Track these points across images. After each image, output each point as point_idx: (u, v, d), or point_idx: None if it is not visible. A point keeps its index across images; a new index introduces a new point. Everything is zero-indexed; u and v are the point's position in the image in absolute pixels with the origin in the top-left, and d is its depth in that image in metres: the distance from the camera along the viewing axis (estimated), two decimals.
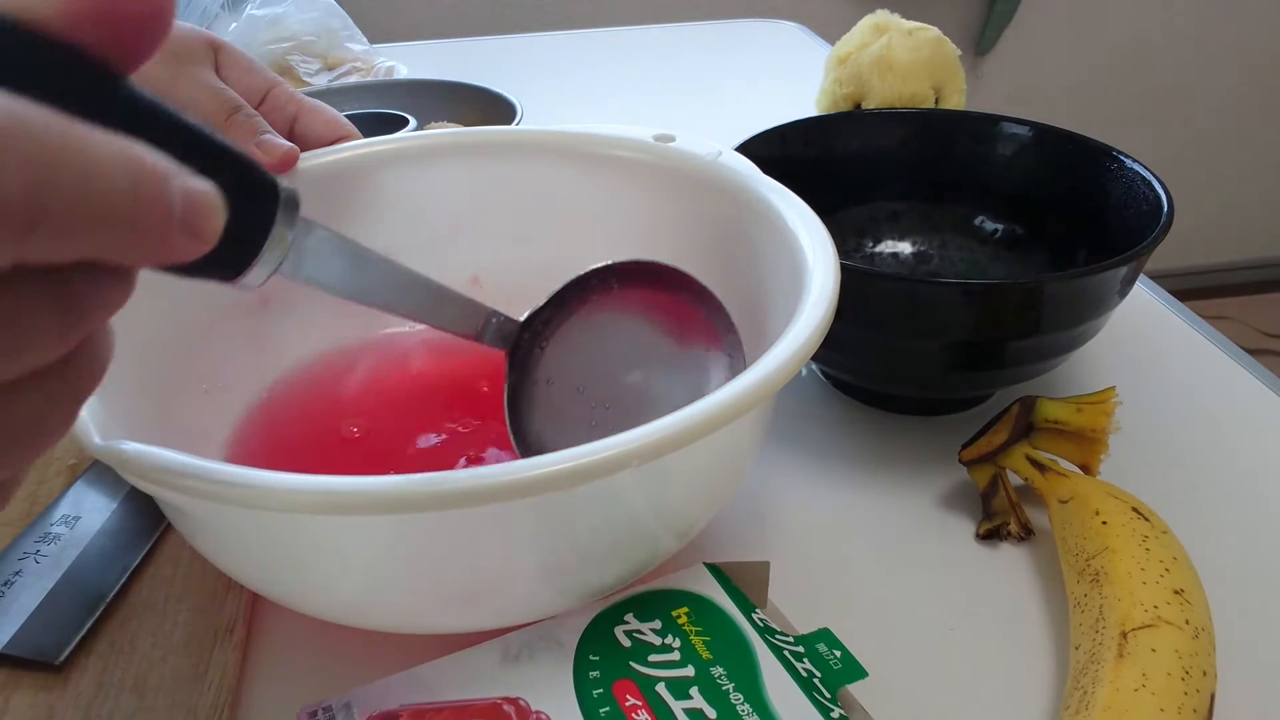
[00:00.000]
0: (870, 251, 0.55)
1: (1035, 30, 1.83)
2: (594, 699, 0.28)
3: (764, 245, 0.37)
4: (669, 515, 0.32)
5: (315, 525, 0.28)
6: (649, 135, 0.43)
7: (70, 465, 0.41)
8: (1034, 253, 0.52)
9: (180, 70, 0.41)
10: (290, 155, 0.40)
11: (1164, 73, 1.93)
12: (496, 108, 0.69)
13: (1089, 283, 0.39)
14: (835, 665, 0.31)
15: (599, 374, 0.36)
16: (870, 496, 0.42)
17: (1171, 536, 0.35)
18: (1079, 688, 0.31)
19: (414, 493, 0.25)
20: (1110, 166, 0.48)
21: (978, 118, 0.53)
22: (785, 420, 0.46)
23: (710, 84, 0.95)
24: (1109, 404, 0.39)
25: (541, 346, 0.35)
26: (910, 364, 0.43)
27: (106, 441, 0.26)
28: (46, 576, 0.35)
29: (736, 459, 0.34)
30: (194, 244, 0.18)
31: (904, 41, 0.63)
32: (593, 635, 0.30)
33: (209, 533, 0.30)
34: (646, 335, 0.36)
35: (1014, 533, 0.39)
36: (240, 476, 0.25)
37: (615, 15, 1.60)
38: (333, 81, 0.83)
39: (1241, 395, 0.49)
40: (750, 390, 0.28)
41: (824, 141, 0.54)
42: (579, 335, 0.35)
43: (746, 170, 0.40)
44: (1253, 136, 2.03)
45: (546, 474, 0.25)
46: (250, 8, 0.86)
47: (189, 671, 0.33)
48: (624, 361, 0.36)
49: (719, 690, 0.28)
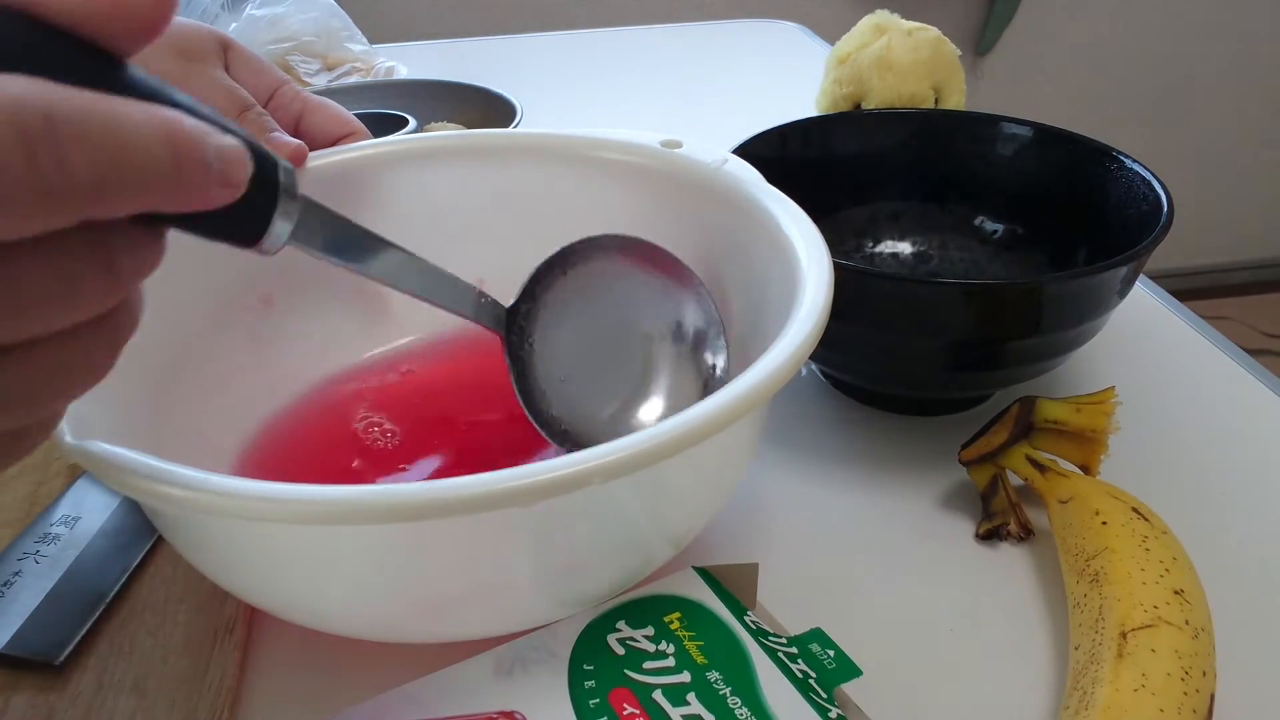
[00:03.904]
0: (870, 251, 0.55)
1: (1035, 30, 1.83)
2: (590, 709, 0.28)
3: (763, 256, 0.37)
4: (664, 522, 0.31)
5: (279, 534, 0.27)
6: (655, 140, 0.42)
7: (70, 465, 0.41)
8: (1034, 253, 0.52)
9: (191, 68, 0.41)
10: (299, 153, 0.40)
11: (1164, 73, 1.93)
12: (496, 108, 0.69)
13: (1089, 283, 0.39)
14: (829, 665, 0.31)
15: (594, 338, 0.38)
16: (869, 496, 0.42)
17: (1171, 537, 0.35)
18: (1078, 688, 0.31)
19: (378, 504, 0.24)
20: (1110, 166, 0.48)
21: (978, 118, 0.53)
22: (784, 420, 0.46)
23: (710, 84, 0.95)
24: (1109, 404, 0.39)
25: (530, 332, 0.37)
26: (910, 364, 0.43)
27: (78, 440, 0.26)
28: (46, 576, 0.35)
29: (731, 464, 0.34)
30: (228, 192, 0.21)
31: (904, 41, 0.63)
32: (586, 644, 0.30)
33: (182, 535, 0.30)
34: (627, 286, 0.38)
35: (1014, 533, 0.39)
36: (208, 483, 0.25)
37: (615, 15, 1.60)
38: (333, 82, 0.83)
39: (1241, 395, 0.49)
40: (732, 403, 0.27)
41: (824, 141, 0.54)
42: (565, 308, 0.37)
43: (750, 178, 0.40)
44: (1253, 136, 2.03)
45: (546, 480, 0.25)
46: (250, 8, 0.86)
47: (189, 672, 0.33)
48: (614, 317, 0.38)
49: (716, 695, 0.28)
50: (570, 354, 0.37)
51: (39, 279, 0.19)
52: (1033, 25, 1.82)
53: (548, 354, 0.37)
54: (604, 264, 0.38)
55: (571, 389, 0.37)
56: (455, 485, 0.25)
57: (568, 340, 0.37)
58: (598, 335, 0.38)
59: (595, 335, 0.38)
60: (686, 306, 0.38)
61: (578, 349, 0.37)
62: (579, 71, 0.99)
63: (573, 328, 0.37)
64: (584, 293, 0.38)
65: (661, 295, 0.38)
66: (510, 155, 0.44)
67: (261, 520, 0.25)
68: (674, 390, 0.38)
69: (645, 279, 0.38)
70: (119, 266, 0.20)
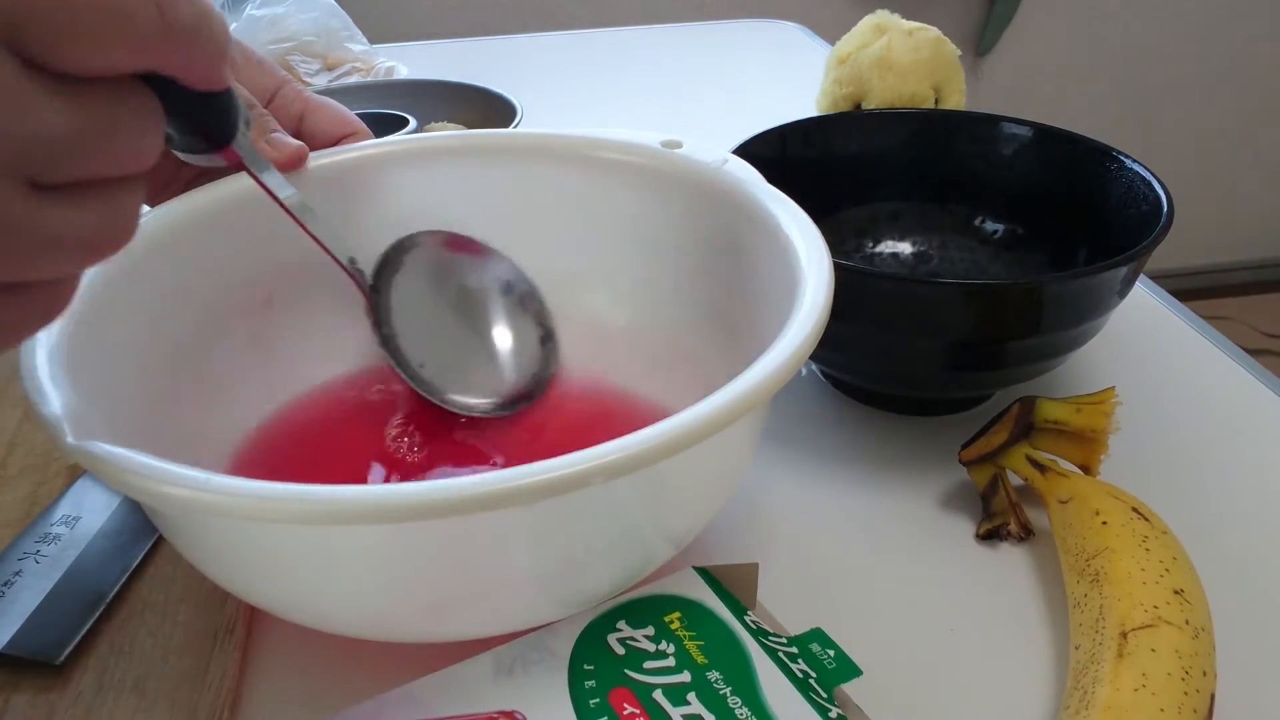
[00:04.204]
0: (870, 251, 0.55)
1: (1035, 30, 1.83)
2: (591, 709, 0.28)
3: (763, 256, 0.37)
4: (664, 521, 0.31)
5: (279, 534, 0.27)
6: (656, 140, 0.42)
7: (70, 465, 0.41)
8: (1034, 253, 0.52)
9: None
10: (300, 153, 0.40)
11: (1164, 73, 1.93)
12: (496, 108, 0.69)
13: (1089, 283, 0.39)
14: (829, 665, 0.31)
15: (443, 310, 0.43)
16: (869, 496, 0.42)
17: (1171, 536, 0.35)
18: (1079, 688, 0.31)
19: (378, 504, 0.24)
20: (1110, 166, 0.48)
21: (978, 118, 0.53)
22: (784, 420, 0.46)
23: (710, 84, 0.95)
24: (1109, 404, 0.39)
25: (388, 320, 0.41)
26: (910, 364, 0.43)
27: (78, 440, 0.26)
28: (46, 576, 0.35)
29: (731, 464, 0.33)
30: (215, 60, 0.25)
31: (904, 41, 0.63)
32: (586, 644, 0.30)
33: (182, 535, 0.30)
34: (454, 263, 0.43)
35: (1014, 533, 0.39)
36: (208, 483, 0.25)
37: (615, 15, 1.60)
38: (333, 82, 0.83)
39: (1241, 395, 0.49)
40: (732, 403, 0.27)
41: (824, 141, 0.54)
42: (412, 289, 0.42)
43: (750, 178, 0.40)
44: (1252, 136, 2.03)
45: (546, 480, 0.25)
46: (250, 8, 0.86)
47: (189, 672, 0.33)
48: (453, 285, 0.43)
49: (716, 695, 0.28)
50: (427, 329, 0.41)
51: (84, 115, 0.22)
52: (1033, 25, 1.82)
53: (410, 336, 0.41)
54: (429, 251, 0.42)
55: (440, 357, 0.41)
56: (455, 485, 0.25)
57: (421, 318, 0.41)
58: (446, 306, 0.42)
59: (443, 307, 0.42)
60: (505, 270, 0.43)
61: (432, 324, 0.42)
62: (579, 71, 0.99)
63: (422, 306, 0.41)
64: (423, 275, 0.42)
65: (483, 265, 0.43)
66: (510, 155, 0.44)
67: (261, 520, 0.25)
68: (519, 337, 0.43)
69: (467, 256, 0.43)
70: (145, 131, 0.23)
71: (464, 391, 0.41)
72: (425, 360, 0.40)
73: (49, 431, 0.27)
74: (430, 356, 0.41)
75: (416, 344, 0.41)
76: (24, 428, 0.43)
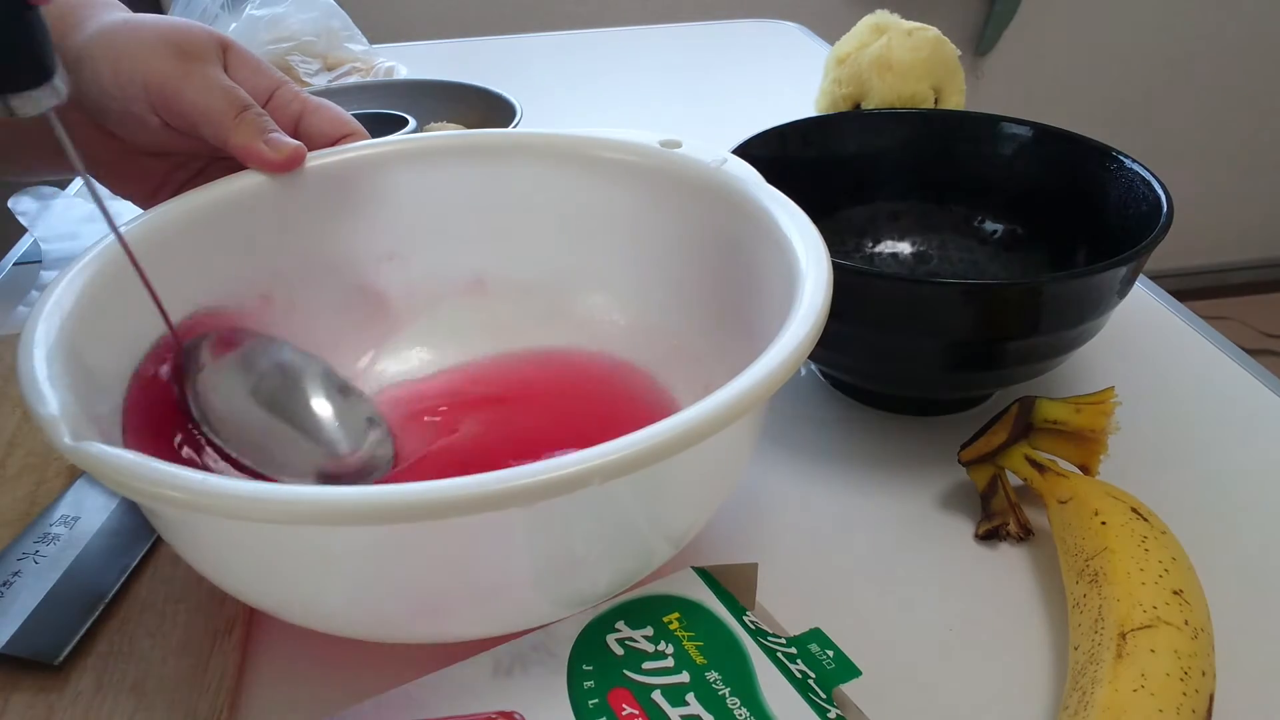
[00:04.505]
0: (870, 251, 0.55)
1: (1035, 30, 1.83)
2: (590, 709, 0.28)
3: (762, 256, 0.37)
4: (663, 521, 0.31)
5: (278, 535, 0.27)
6: (655, 140, 0.42)
7: (70, 466, 0.41)
8: (1034, 253, 0.52)
9: (191, 68, 0.41)
10: (298, 153, 0.40)
11: (1164, 73, 1.93)
12: (496, 108, 0.69)
13: (1089, 283, 0.39)
14: (829, 665, 0.31)
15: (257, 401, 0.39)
16: (868, 497, 0.42)
17: (1171, 537, 0.35)
18: (1078, 688, 0.31)
19: (377, 505, 0.24)
20: (1110, 166, 0.48)
21: (978, 118, 0.53)
22: (784, 420, 0.46)
23: (710, 84, 0.95)
24: (1108, 404, 0.39)
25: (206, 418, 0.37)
26: (909, 364, 0.43)
27: (76, 442, 0.26)
28: (46, 577, 0.35)
29: (730, 464, 0.33)
30: None
31: (904, 41, 0.63)
32: (585, 645, 0.30)
33: (181, 536, 0.30)
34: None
35: (1013, 533, 0.39)
36: (206, 484, 0.25)
37: (615, 15, 1.60)
38: (332, 82, 0.83)
39: (1241, 395, 0.49)
40: (732, 403, 0.27)
41: (824, 141, 0.54)
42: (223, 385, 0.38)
43: (749, 178, 0.40)
44: (1252, 137, 2.03)
45: (546, 480, 0.25)
46: (250, 8, 0.86)
47: (189, 672, 0.33)
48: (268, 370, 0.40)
49: (715, 695, 0.28)
50: (245, 422, 0.38)
51: None
52: (1033, 25, 1.82)
53: (225, 428, 0.37)
54: (221, 354, 0.38)
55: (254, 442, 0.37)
56: (455, 485, 0.25)
57: (238, 411, 0.38)
58: (259, 397, 0.39)
59: (257, 398, 0.39)
60: (287, 352, 0.40)
61: (246, 416, 0.38)
62: (579, 71, 0.99)
63: (237, 401, 0.38)
64: (225, 374, 0.38)
65: (267, 348, 0.40)
66: (510, 155, 0.44)
67: (260, 521, 0.25)
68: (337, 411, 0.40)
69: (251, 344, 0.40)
70: None
71: (285, 473, 0.37)
72: (242, 446, 0.37)
73: (46, 433, 0.27)
74: (245, 442, 0.37)
75: (232, 432, 0.37)
76: (24, 428, 0.43)
